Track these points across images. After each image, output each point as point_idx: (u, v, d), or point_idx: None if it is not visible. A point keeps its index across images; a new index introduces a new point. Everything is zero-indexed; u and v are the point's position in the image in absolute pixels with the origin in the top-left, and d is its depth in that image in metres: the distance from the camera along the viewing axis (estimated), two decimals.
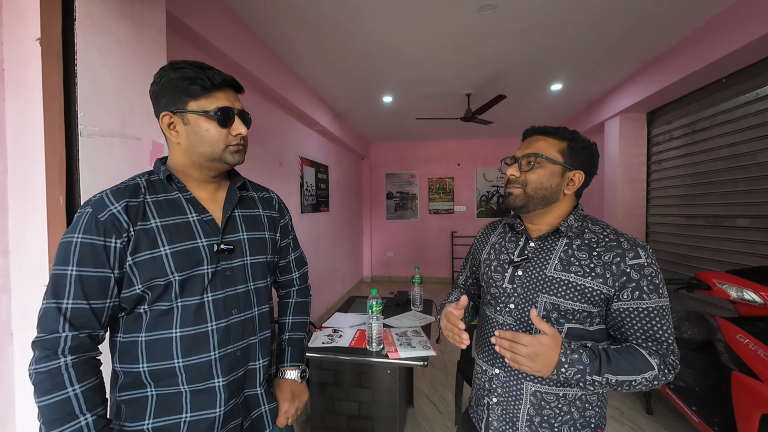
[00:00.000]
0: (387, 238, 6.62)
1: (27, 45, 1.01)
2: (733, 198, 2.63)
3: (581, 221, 0.87)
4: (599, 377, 0.72)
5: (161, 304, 0.74)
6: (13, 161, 1.05)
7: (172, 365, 0.74)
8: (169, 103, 0.76)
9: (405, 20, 2.39)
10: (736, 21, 2.20)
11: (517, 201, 0.86)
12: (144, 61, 1.28)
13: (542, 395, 0.82)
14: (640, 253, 0.79)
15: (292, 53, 2.88)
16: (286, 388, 0.95)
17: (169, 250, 0.74)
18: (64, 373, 0.65)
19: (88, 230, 0.70)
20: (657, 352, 0.76)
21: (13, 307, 1.06)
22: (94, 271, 0.69)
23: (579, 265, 0.81)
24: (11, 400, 1.05)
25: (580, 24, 2.46)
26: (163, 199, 0.78)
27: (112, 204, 0.72)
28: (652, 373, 0.73)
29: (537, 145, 0.86)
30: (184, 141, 0.78)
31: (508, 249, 0.93)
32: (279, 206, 0.99)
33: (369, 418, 1.64)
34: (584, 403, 0.83)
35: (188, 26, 1.85)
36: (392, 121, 5.01)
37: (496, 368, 0.89)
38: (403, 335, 1.68)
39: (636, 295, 0.77)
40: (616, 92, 3.70)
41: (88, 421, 0.65)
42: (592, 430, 0.84)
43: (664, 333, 0.76)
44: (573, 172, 0.85)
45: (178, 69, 0.75)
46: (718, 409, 1.75)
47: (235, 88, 0.82)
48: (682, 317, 1.99)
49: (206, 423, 0.76)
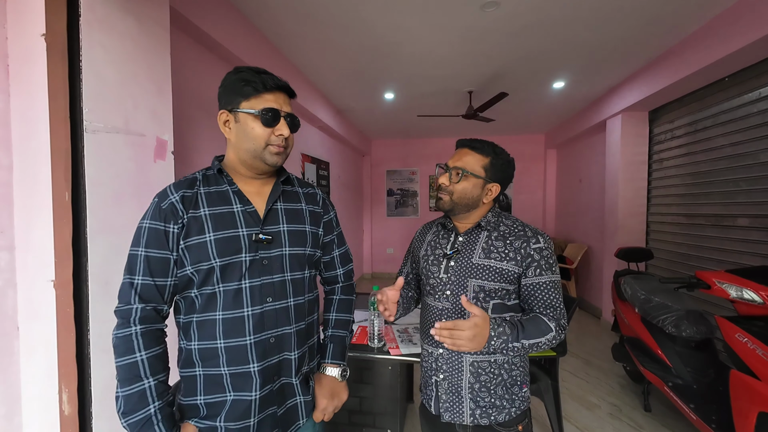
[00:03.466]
0: (388, 235, 6.63)
1: (32, 41, 1.01)
2: (734, 197, 2.63)
3: (497, 217, 1.05)
4: (518, 343, 0.89)
5: (206, 289, 0.81)
6: (18, 157, 1.05)
7: (215, 345, 0.81)
8: (227, 103, 0.85)
9: (408, 16, 2.39)
10: (740, 20, 2.19)
11: (446, 206, 1.03)
12: (148, 58, 1.28)
13: (478, 364, 0.98)
14: (540, 239, 0.97)
15: (295, 49, 2.88)
16: (326, 385, 0.98)
17: (212, 237, 0.81)
18: (134, 340, 0.75)
19: (154, 217, 0.80)
20: (554, 317, 0.94)
21: (19, 301, 1.07)
22: (157, 252, 0.79)
23: (497, 252, 0.98)
24: (17, 393, 1.07)
25: (583, 22, 2.45)
26: (214, 190, 0.86)
27: (172, 194, 0.82)
28: (552, 334, 0.92)
29: (466, 159, 1.01)
30: (233, 137, 0.85)
31: (441, 244, 1.08)
32: (323, 202, 1.02)
33: (370, 413, 1.65)
34: (510, 365, 1.00)
35: (192, 22, 1.84)
36: (393, 118, 5.00)
37: (439, 348, 1.02)
38: (404, 332, 1.69)
39: (537, 272, 0.96)
40: (618, 90, 3.69)
41: (151, 384, 0.75)
42: (519, 386, 1.01)
43: (557, 301, 0.96)
44: (492, 185, 1.01)
45: (238, 72, 0.84)
46: (715, 407, 1.76)
47: (288, 93, 0.88)
48: (681, 316, 2.00)
49: (245, 404, 0.82)
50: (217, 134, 2.23)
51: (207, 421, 0.82)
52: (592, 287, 4.53)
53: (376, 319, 1.55)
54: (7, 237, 1.05)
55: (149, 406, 0.74)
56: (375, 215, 6.66)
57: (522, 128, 5.73)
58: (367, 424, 1.66)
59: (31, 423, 1.07)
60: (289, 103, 0.88)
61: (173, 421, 0.78)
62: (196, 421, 0.82)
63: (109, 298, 1.11)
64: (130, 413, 0.74)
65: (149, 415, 0.74)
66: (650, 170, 3.70)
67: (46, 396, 1.04)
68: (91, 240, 1.06)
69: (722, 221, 2.73)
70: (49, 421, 1.03)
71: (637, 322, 2.32)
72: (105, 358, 1.09)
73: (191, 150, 2.04)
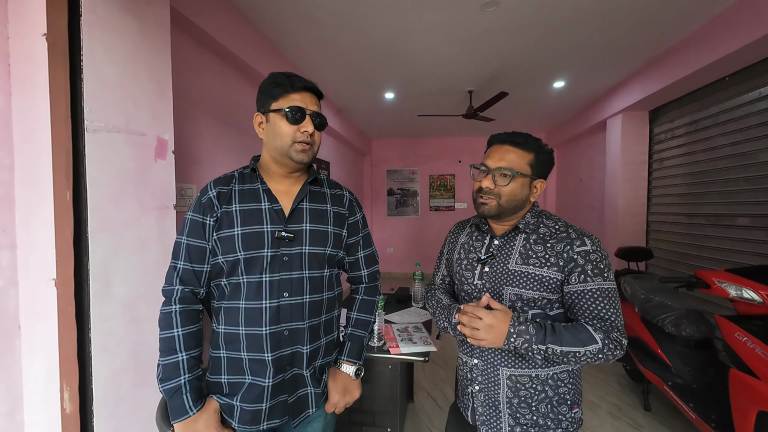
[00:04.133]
0: (388, 234, 6.63)
1: (33, 41, 1.01)
2: (734, 197, 2.63)
3: (537, 217, 0.95)
4: (543, 346, 0.79)
5: (233, 278, 0.89)
6: (20, 156, 1.06)
7: (237, 331, 0.88)
8: (260, 106, 0.92)
9: (408, 16, 2.39)
10: (740, 19, 2.19)
11: (492, 211, 0.92)
12: (149, 58, 1.29)
13: (516, 378, 0.90)
14: (586, 241, 0.87)
15: (295, 49, 2.88)
16: (340, 380, 1.01)
17: (240, 231, 0.87)
18: (174, 317, 0.86)
19: (195, 210, 0.90)
20: (601, 329, 0.82)
21: (21, 300, 1.07)
22: (196, 241, 0.88)
23: (536, 257, 0.89)
24: (19, 391, 1.07)
25: (583, 21, 2.45)
26: (247, 188, 0.92)
27: (210, 190, 0.91)
28: (596, 346, 0.80)
29: (509, 157, 0.90)
30: (266, 137, 0.92)
31: (475, 248, 1.00)
32: (349, 204, 1.05)
33: (370, 412, 1.66)
34: (556, 381, 0.90)
35: (192, 22, 1.85)
36: (394, 118, 5.00)
37: (474, 359, 0.96)
38: (404, 331, 1.70)
39: (582, 278, 0.85)
40: (618, 90, 3.69)
41: (183, 358, 0.84)
42: (568, 406, 0.91)
43: (608, 312, 0.83)
44: (538, 181, 0.93)
45: (271, 77, 0.90)
46: (715, 406, 1.76)
47: (316, 93, 0.93)
48: (681, 315, 2.00)
49: (259, 389, 0.88)
50: (217, 134, 2.24)
51: (227, 398, 0.88)
52: None
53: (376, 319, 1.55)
54: (8, 236, 1.05)
55: (180, 377, 0.83)
56: (375, 215, 6.66)
57: (522, 128, 5.72)
58: (366, 422, 1.66)
59: (33, 421, 1.07)
60: (317, 103, 0.93)
61: (200, 394, 0.86)
62: (218, 396, 0.89)
63: (109, 296, 1.11)
64: (165, 380, 0.83)
65: (179, 385, 0.83)
66: (650, 170, 3.70)
67: (47, 394, 1.04)
68: (92, 239, 1.06)
69: (722, 220, 2.73)
70: (51, 419, 1.04)
71: (637, 322, 2.32)
72: (106, 357, 1.10)
73: (192, 149, 2.04)
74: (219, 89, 2.29)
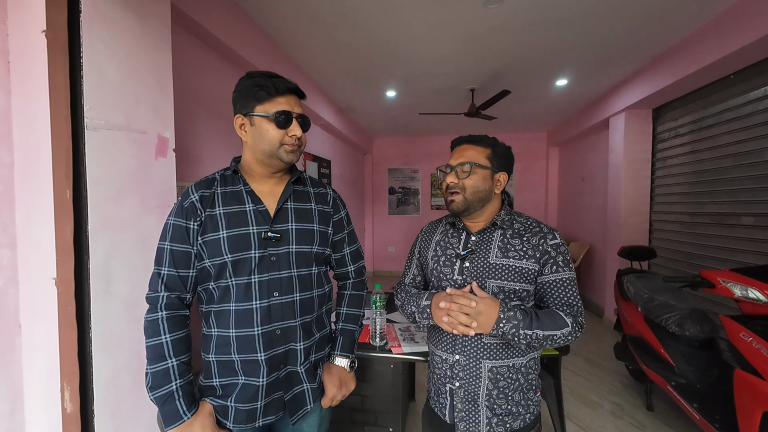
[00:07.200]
0: (389, 233, 6.62)
1: (33, 37, 1.00)
2: (738, 196, 2.61)
3: (510, 215, 1.02)
4: (530, 331, 0.86)
5: (221, 282, 0.88)
6: (19, 154, 1.05)
7: (228, 334, 0.88)
8: (242, 107, 0.90)
9: (410, 14, 2.37)
10: (745, 17, 2.17)
11: (460, 206, 0.99)
12: (149, 54, 1.28)
13: (497, 369, 0.94)
14: (556, 235, 0.97)
15: (296, 47, 2.87)
16: (335, 374, 1.03)
17: (225, 234, 0.87)
18: (160, 324, 0.84)
19: (177, 214, 0.89)
20: (570, 314, 0.90)
21: (21, 299, 1.06)
22: (180, 246, 0.87)
23: (515, 250, 0.95)
24: (20, 391, 1.07)
25: (586, 19, 2.43)
26: (229, 190, 0.92)
27: (193, 194, 0.89)
28: (567, 329, 0.88)
29: (468, 153, 0.99)
30: (250, 140, 0.90)
31: (452, 244, 1.03)
32: (333, 202, 1.06)
33: (371, 412, 1.65)
34: (527, 369, 0.97)
35: (193, 19, 1.84)
36: (395, 116, 4.98)
37: (456, 354, 0.98)
38: (405, 330, 1.69)
39: (554, 269, 0.94)
40: (621, 88, 3.67)
41: (174, 364, 0.83)
42: (533, 391, 0.99)
43: (575, 299, 0.93)
44: (499, 174, 1.00)
45: (251, 78, 0.89)
46: (719, 407, 1.75)
47: (298, 95, 0.93)
48: (684, 315, 1.98)
49: (253, 388, 0.88)
50: (217, 132, 2.23)
51: (220, 400, 0.89)
52: (595, 286, 4.52)
53: (378, 318, 1.54)
54: (8, 234, 1.05)
55: (172, 383, 0.82)
56: (376, 213, 6.65)
57: (524, 126, 5.71)
58: (368, 422, 1.66)
59: (34, 420, 1.06)
60: (300, 104, 0.93)
61: (193, 398, 0.86)
62: (211, 399, 0.89)
63: (110, 295, 1.11)
64: (156, 388, 0.82)
65: (171, 391, 0.82)
66: (653, 168, 3.68)
67: (48, 393, 1.03)
68: (92, 237, 1.06)
69: (726, 220, 2.71)
70: (52, 419, 1.03)
71: (640, 321, 2.31)
72: (107, 356, 1.09)
73: (192, 147, 2.03)
74: (220, 87, 2.28)
